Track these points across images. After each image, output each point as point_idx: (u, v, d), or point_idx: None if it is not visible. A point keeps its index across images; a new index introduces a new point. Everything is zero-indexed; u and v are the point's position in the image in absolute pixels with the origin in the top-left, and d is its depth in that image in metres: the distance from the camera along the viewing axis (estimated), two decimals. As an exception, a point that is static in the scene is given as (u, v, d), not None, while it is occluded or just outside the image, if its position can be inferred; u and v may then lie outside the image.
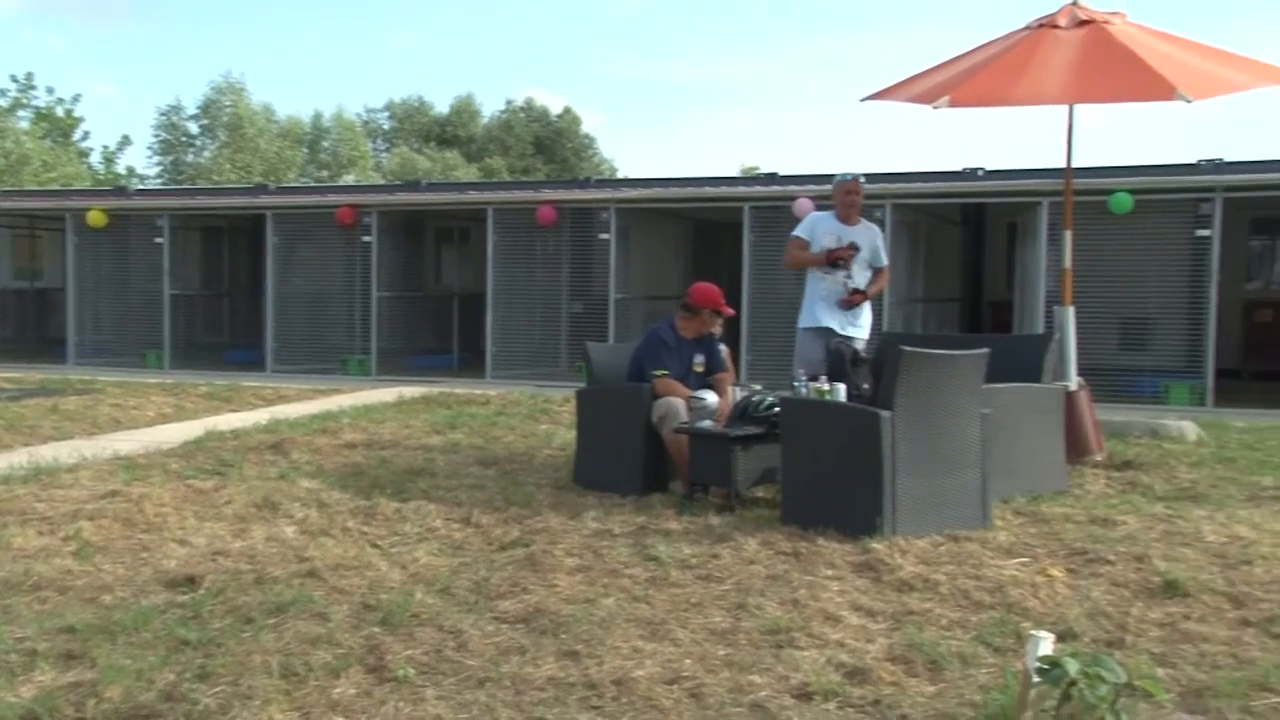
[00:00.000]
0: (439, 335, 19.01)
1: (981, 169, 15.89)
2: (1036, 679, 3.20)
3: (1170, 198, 13.83)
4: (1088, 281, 13.63)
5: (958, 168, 16.21)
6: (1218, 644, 4.34)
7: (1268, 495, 6.95)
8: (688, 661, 4.22)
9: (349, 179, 45.55)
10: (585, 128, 55.99)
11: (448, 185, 24.93)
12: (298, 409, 11.54)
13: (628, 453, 7.20)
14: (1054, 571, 5.29)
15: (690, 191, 16.94)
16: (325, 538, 5.96)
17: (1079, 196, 12.92)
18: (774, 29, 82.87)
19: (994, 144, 73.97)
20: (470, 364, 17.38)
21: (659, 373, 7.29)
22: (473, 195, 18.75)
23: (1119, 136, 66.84)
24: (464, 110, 54.36)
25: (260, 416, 10.78)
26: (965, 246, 19.08)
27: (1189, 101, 6.57)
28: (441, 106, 55.25)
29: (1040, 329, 13.05)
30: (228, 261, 21.62)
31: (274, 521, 6.31)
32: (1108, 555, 5.50)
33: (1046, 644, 3.23)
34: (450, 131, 53.36)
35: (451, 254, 20.93)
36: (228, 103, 44.73)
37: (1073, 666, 3.01)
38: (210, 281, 21.18)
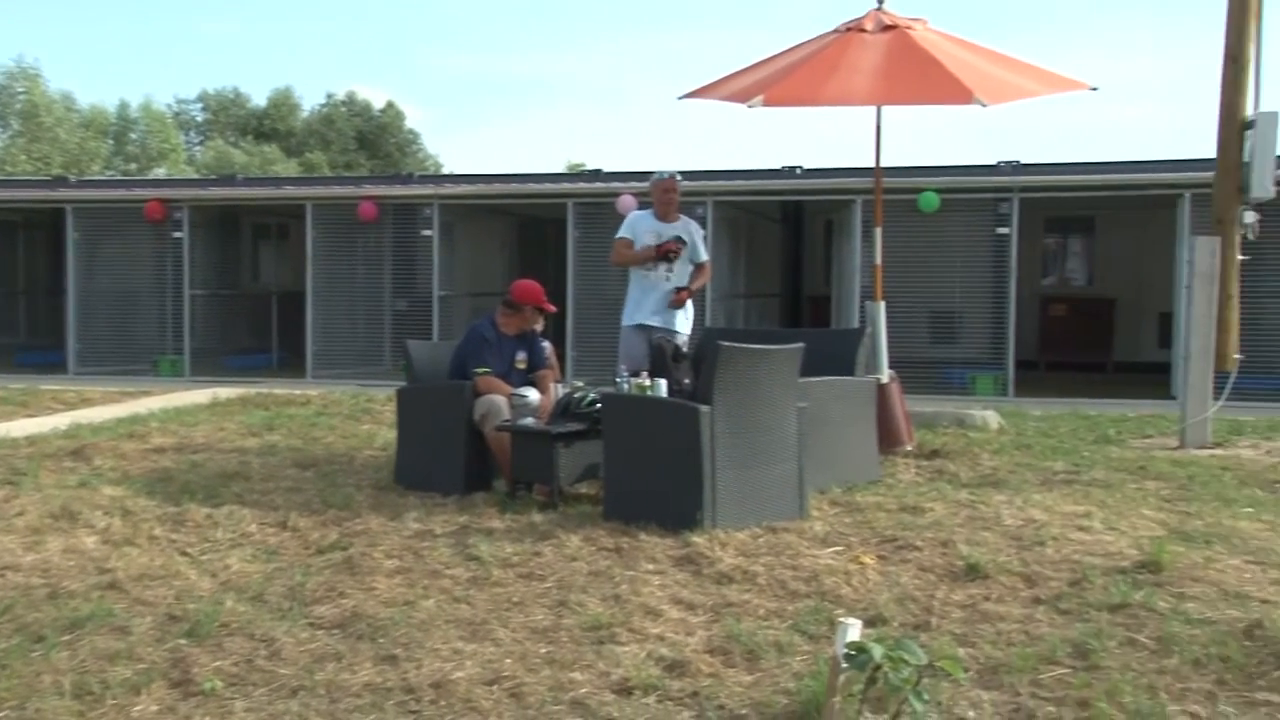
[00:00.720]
0: (257, 334, 18.40)
1: (800, 168, 16.31)
2: (845, 665, 3.30)
3: (973, 197, 14.48)
4: (899, 277, 14.13)
5: (778, 166, 16.61)
6: (1013, 622, 4.56)
7: (1059, 479, 7.35)
8: (508, 661, 4.20)
9: (160, 172, 43.64)
10: (409, 123, 55.19)
11: (264, 180, 24.15)
12: (102, 412, 11.00)
13: (450, 452, 7.12)
14: (866, 559, 5.47)
15: (514, 188, 16.86)
16: (129, 547, 5.69)
17: (889, 195, 13.40)
18: (602, 25, 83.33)
19: (816, 142, 76.06)
20: (290, 364, 16.88)
21: (480, 370, 7.23)
22: (290, 191, 18.20)
23: (929, 138, 69.68)
24: (282, 103, 52.80)
25: (60, 421, 10.23)
26: (785, 243, 19.55)
27: (985, 106, 6.90)
28: (259, 99, 53.57)
29: (856, 323, 13.49)
30: (23, 258, 20.41)
31: (72, 532, 5.99)
32: (916, 541, 5.71)
33: (854, 630, 3.34)
34: (268, 125, 51.74)
35: (270, 251, 20.29)
36: (20, 89, 42.26)
37: (877, 651, 3.11)
38: (3, 279, 19.97)
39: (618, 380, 7.06)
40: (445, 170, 48.34)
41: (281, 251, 19.58)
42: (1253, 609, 4.47)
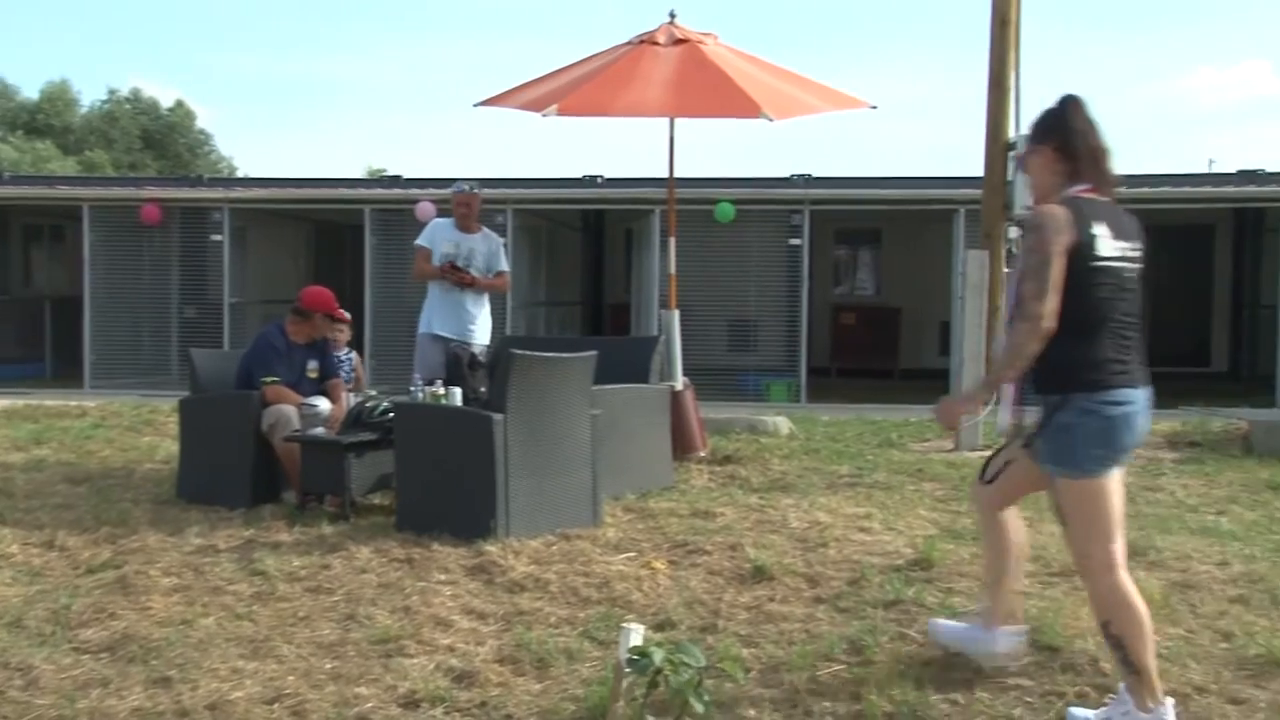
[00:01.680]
0: (28, 343, 17.31)
1: (601, 177, 16.46)
2: (627, 669, 3.35)
3: (767, 209, 14.93)
4: (697, 286, 14.45)
5: (580, 175, 16.71)
6: (795, 621, 4.72)
7: (843, 482, 7.64)
8: (291, 678, 4.08)
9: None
10: (201, 123, 52.96)
11: (35, 178, 22.77)
12: None
13: (236, 463, 6.87)
14: (657, 564, 5.56)
15: (309, 193, 16.44)
16: (-128, 574, 5.27)
17: (686, 206, 13.70)
18: (403, 29, 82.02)
19: (621, 152, 76.85)
20: (66, 373, 15.96)
21: (269, 379, 7.01)
22: (64, 190, 17.23)
23: (730, 150, 71.49)
24: (57, 98, 49.79)
25: None
26: (586, 251, 19.70)
27: (771, 120, 7.15)
28: (30, 92, 50.41)
29: (656, 331, 13.69)
30: None
31: None
32: (706, 546, 5.83)
33: (637, 635, 3.39)
34: (42, 120, 48.70)
35: (42, 254, 19.15)
36: None
37: (658, 655, 3.17)
38: None
39: (411, 389, 6.97)
40: (240, 173, 46.55)
41: (56, 254, 18.51)
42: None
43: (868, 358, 17.65)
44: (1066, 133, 3.71)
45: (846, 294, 19.40)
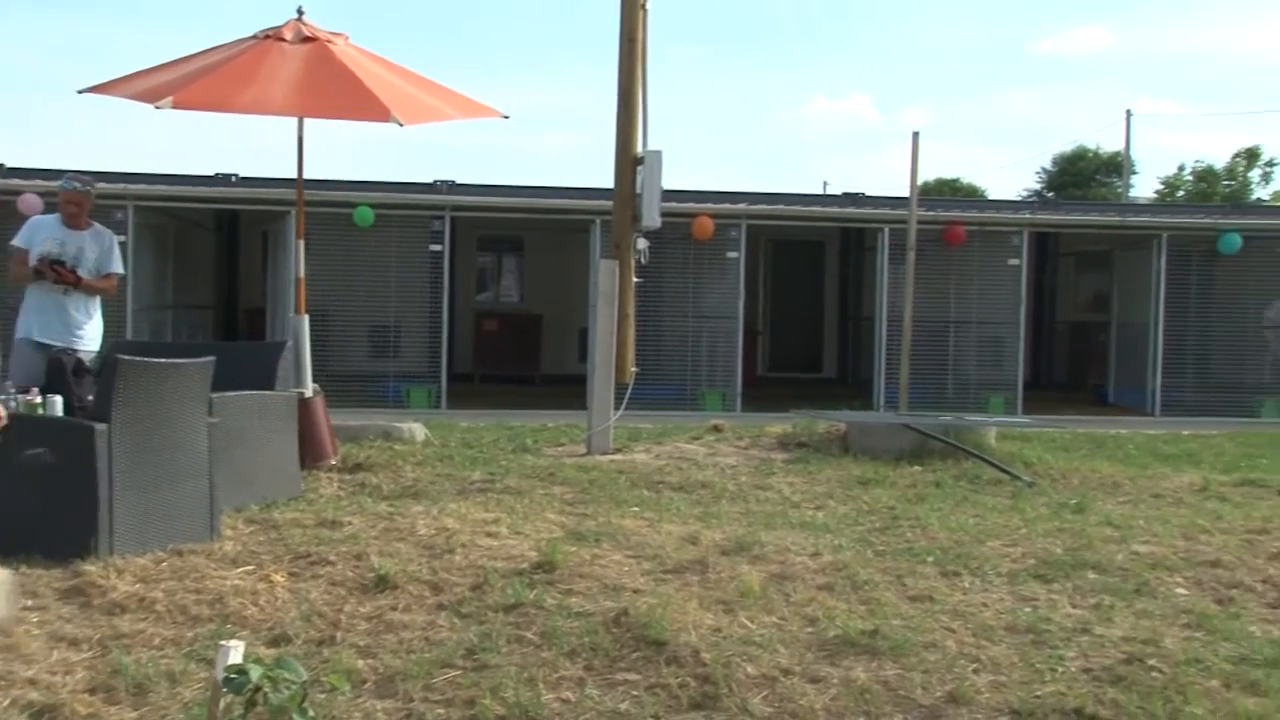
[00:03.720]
0: None
1: (235, 175, 15.73)
2: (225, 690, 3.21)
3: (409, 214, 14.81)
4: (337, 291, 14.13)
5: (212, 172, 15.88)
6: (416, 630, 4.70)
7: (475, 488, 7.69)
8: None
9: None
10: None
11: None
12: None
13: None
14: (276, 577, 5.36)
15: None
16: None
17: (324, 208, 13.38)
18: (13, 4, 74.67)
19: (263, 152, 73.71)
20: None
21: None
22: None
23: (387, 153, 70.37)
24: None
25: None
26: (220, 253, 18.77)
27: (402, 125, 7.08)
28: None
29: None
30: None
31: None
32: (330, 556, 5.68)
33: (235, 653, 3.25)
34: None
35: None
36: None
37: (256, 672, 3.06)
38: None
39: (3, 397, 6.35)
40: None
41: None
42: (624, 599, 4.95)
43: (510, 364, 17.89)
44: None
45: (490, 301, 19.58)
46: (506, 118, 8.14)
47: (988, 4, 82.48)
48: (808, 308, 19.95)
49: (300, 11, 7.70)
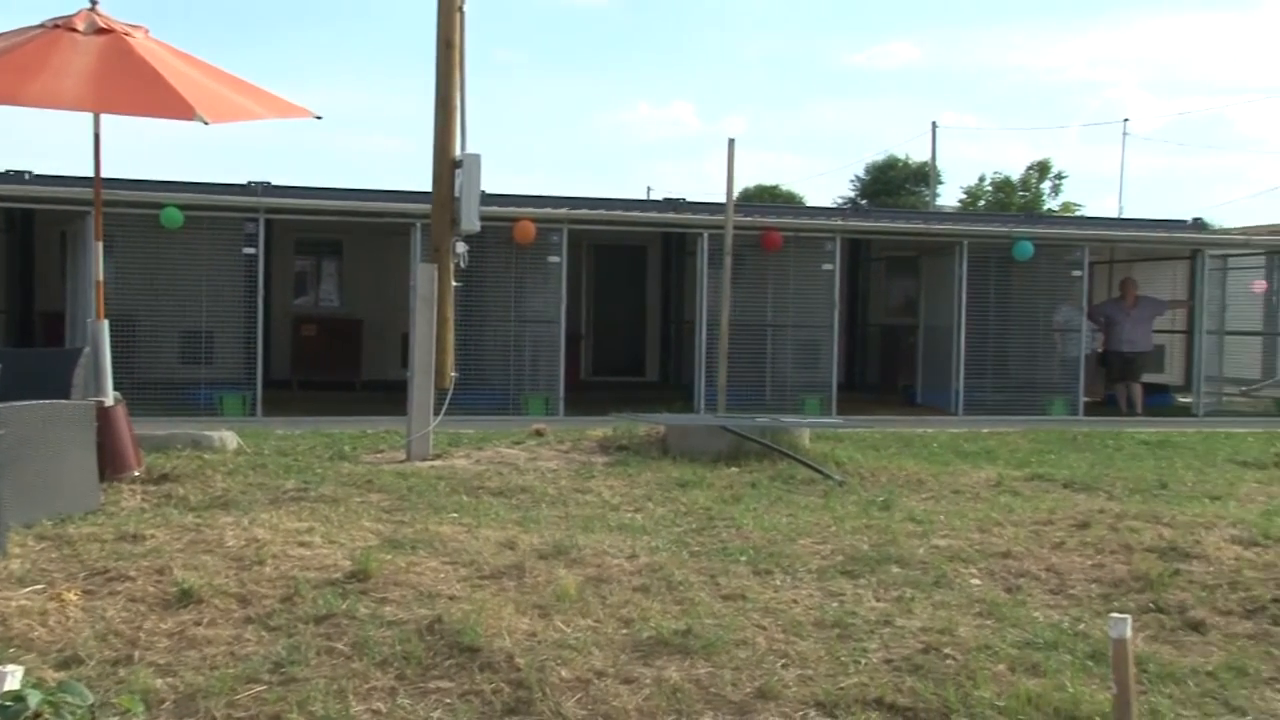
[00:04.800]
0: None
1: (29, 173, 14.92)
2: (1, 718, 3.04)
3: (221, 216, 14.30)
4: (144, 295, 13.53)
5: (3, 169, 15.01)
6: (220, 645, 4.54)
7: (288, 497, 7.49)
8: None
9: None
10: None
11: None
12: None
13: None
14: (69, 596, 5.10)
15: None
16: None
17: (127, 209, 12.80)
18: None
19: (65, 147, 70.01)
20: None
21: None
22: None
23: (205, 155, 67.76)
24: None
25: None
26: (13, 254, 17.74)
27: (206, 123, 6.82)
28: None
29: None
30: None
31: None
32: (129, 571, 5.44)
33: (13, 678, 3.09)
34: None
35: None
36: None
37: (35, 698, 2.92)
38: None
39: None
40: None
41: None
42: (439, 606, 4.90)
43: (330, 369, 17.47)
44: None
45: (309, 305, 19.09)
46: (319, 118, 7.96)
47: (804, 18, 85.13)
48: (631, 312, 20.13)
49: (93, 1, 7.34)
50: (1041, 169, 47.26)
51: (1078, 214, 39.31)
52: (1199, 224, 18.89)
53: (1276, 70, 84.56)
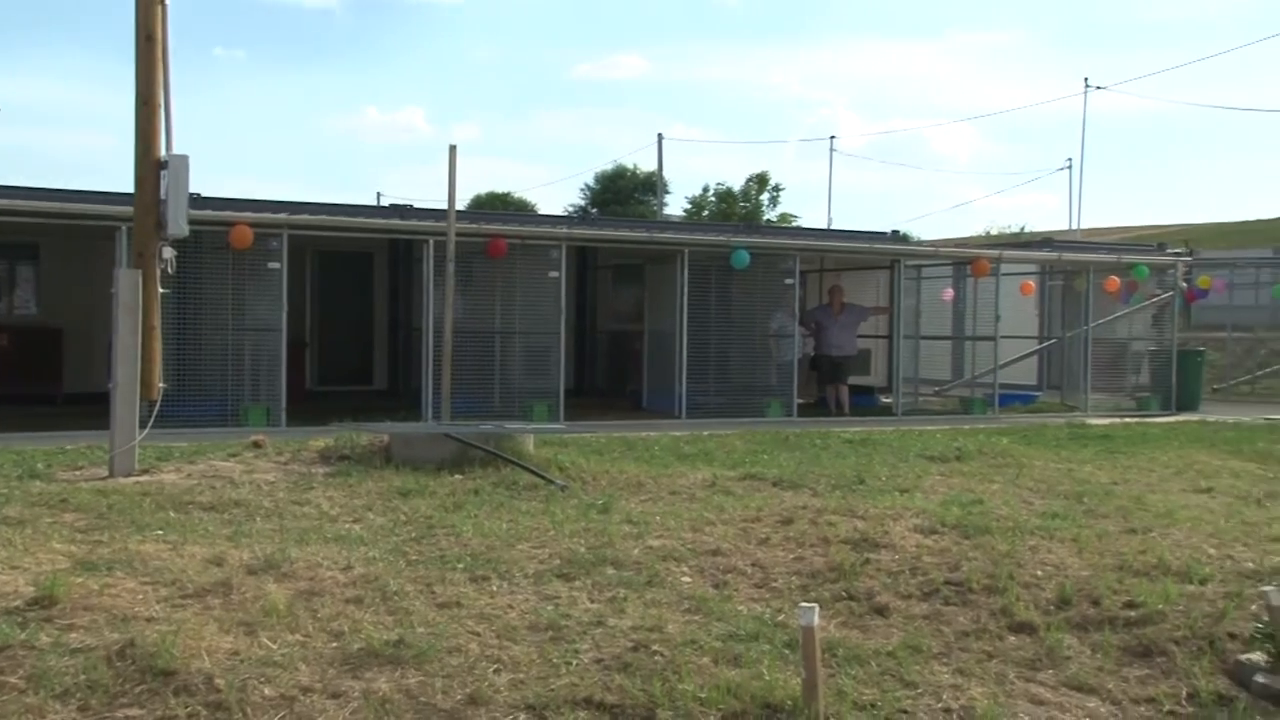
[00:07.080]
0: None
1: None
2: None
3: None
4: None
5: None
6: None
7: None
8: None
9: None
10: None
11: None
12: None
13: None
14: None
15: None
16: None
17: None
18: None
19: None
20: None
21: None
22: None
23: None
24: None
25: None
26: None
27: None
28: None
29: None
30: None
31: None
32: None
33: None
34: None
35: None
36: None
37: None
38: None
39: None
40: None
41: None
42: (133, 629, 4.66)
43: (27, 382, 16.21)
44: None
45: (3, 313, 17.67)
46: None
47: (533, 27, 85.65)
48: (358, 320, 19.68)
49: None
50: (760, 181, 49.45)
51: (793, 224, 41.39)
52: (897, 236, 20.25)
53: (963, 96, 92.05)
